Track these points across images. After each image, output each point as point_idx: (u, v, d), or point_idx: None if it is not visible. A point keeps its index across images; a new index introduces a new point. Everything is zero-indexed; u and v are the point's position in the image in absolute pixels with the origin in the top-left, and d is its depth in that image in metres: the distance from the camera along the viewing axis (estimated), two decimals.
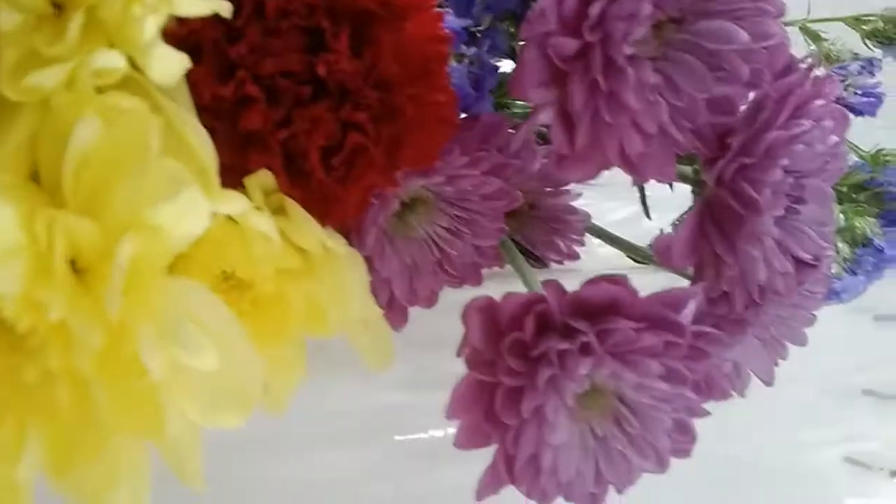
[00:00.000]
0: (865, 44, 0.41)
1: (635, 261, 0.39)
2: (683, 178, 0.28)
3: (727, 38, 0.24)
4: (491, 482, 0.26)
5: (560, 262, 0.38)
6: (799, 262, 0.28)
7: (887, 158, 0.41)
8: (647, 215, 0.34)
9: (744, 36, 0.23)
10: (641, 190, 0.33)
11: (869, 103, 0.35)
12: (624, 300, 0.24)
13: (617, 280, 0.24)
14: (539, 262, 0.37)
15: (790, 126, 0.25)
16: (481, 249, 0.30)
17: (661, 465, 0.26)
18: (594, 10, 0.22)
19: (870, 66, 0.39)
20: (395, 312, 0.30)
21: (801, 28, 0.42)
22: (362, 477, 0.31)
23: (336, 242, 0.23)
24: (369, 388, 0.30)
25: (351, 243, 0.27)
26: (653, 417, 0.26)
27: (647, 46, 0.24)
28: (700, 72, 0.24)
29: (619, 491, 0.27)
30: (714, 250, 0.26)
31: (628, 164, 0.25)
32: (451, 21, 0.25)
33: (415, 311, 0.31)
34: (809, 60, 0.27)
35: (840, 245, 0.36)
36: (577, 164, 0.25)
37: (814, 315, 0.33)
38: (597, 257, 0.40)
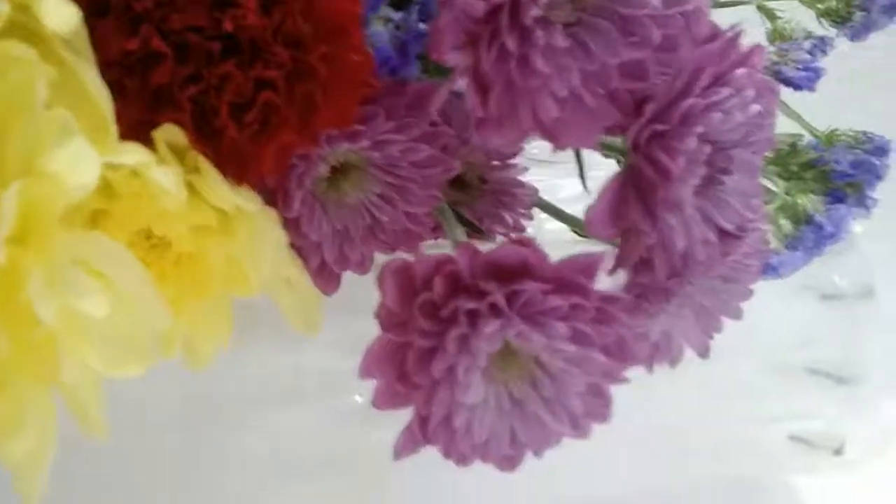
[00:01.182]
0: (820, 23, 0.41)
1: (581, 235, 0.39)
2: (608, 148, 0.28)
3: (639, 3, 0.24)
4: (407, 442, 0.26)
5: (506, 235, 0.38)
6: (723, 233, 0.29)
7: (841, 138, 0.41)
8: (585, 187, 0.34)
9: (655, 0, 0.24)
10: (579, 161, 0.34)
11: (807, 77, 0.35)
12: (533, 263, 0.24)
13: (527, 242, 0.24)
14: (482, 234, 0.37)
15: (708, 94, 0.26)
16: (414, 217, 0.30)
17: (576, 429, 0.27)
18: None
19: (822, 44, 0.39)
20: (327, 277, 0.30)
21: (757, 7, 0.42)
22: (295, 440, 0.32)
23: (247, 201, 0.24)
24: (300, 350, 0.30)
25: (277, 205, 0.28)
26: (565, 381, 0.26)
27: (560, 10, 0.24)
28: (612, 36, 0.24)
29: (537, 454, 0.27)
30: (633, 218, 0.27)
31: (544, 130, 0.25)
32: None
33: (350, 276, 0.31)
34: (734, 30, 0.27)
35: (782, 221, 0.36)
36: (495, 129, 0.25)
37: (750, 290, 0.33)
38: (544, 232, 0.40)
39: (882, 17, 0.38)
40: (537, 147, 0.32)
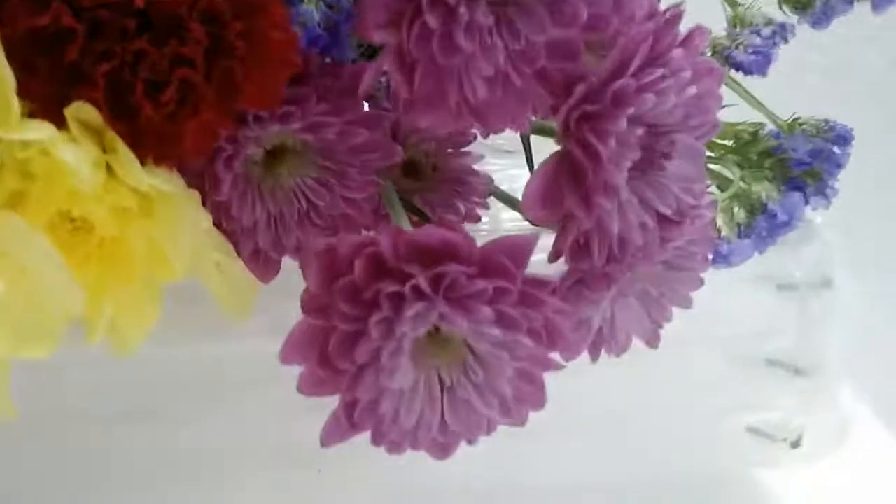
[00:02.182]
0: (782, 9, 0.40)
1: (534, 224, 0.39)
2: (542, 130, 0.28)
3: None
4: (334, 429, 0.26)
5: (461, 223, 0.38)
6: (662, 218, 0.28)
7: (803, 127, 0.41)
8: (532, 171, 0.34)
9: None
10: (527, 147, 0.33)
11: (756, 62, 0.34)
12: (458, 245, 0.24)
13: (452, 225, 0.24)
14: (430, 222, 0.36)
15: (641, 75, 0.25)
16: (353, 202, 0.30)
17: (508, 415, 0.26)
18: None
19: (782, 31, 0.39)
20: (264, 263, 0.30)
21: None
22: (230, 428, 0.31)
23: (164, 182, 0.23)
24: (231, 336, 0.30)
25: (206, 188, 0.27)
26: (494, 366, 0.26)
27: None
28: (539, 14, 0.24)
29: (469, 442, 0.27)
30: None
31: (472, 111, 0.25)
32: None
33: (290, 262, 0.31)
34: (672, 10, 0.27)
35: (736, 209, 0.35)
36: (423, 110, 0.25)
37: (699, 278, 0.33)
38: (501, 221, 0.40)
39: (840, 4, 0.38)
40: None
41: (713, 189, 0.40)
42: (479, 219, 0.38)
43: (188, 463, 0.33)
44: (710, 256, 0.33)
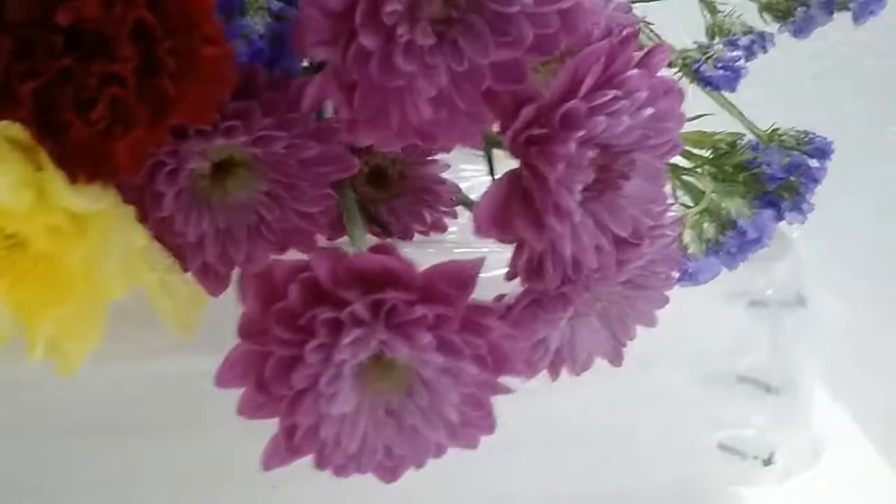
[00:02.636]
0: (762, 17, 0.39)
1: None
2: (498, 143, 0.27)
3: (509, 1, 0.23)
4: (275, 453, 0.25)
5: (425, 234, 0.37)
6: (619, 240, 0.27)
7: (782, 138, 0.40)
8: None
9: None
10: (488, 156, 0.32)
11: (726, 77, 0.33)
12: (399, 271, 0.23)
13: (387, 250, 0.23)
14: (389, 233, 0.36)
15: (592, 97, 0.24)
16: (306, 215, 0.29)
17: (456, 440, 0.26)
18: None
19: (761, 40, 0.38)
20: (213, 279, 0.29)
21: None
22: (184, 444, 0.31)
23: (93, 201, 0.23)
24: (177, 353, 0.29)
25: (146, 204, 0.27)
26: (440, 391, 0.25)
27: (430, 5, 0.23)
28: (483, 34, 0.23)
29: (417, 466, 0.26)
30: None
31: (416, 132, 0.24)
32: None
33: None
34: (627, 29, 0.26)
35: (706, 225, 0.34)
36: (366, 130, 0.24)
37: (664, 296, 0.32)
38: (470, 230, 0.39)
39: (820, 13, 0.37)
40: None
41: (685, 200, 0.39)
42: (445, 228, 0.38)
43: (144, 478, 0.33)
44: (676, 274, 0.32)
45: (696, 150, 0.41)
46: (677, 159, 0.40)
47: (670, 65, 0.35)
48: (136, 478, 0.32)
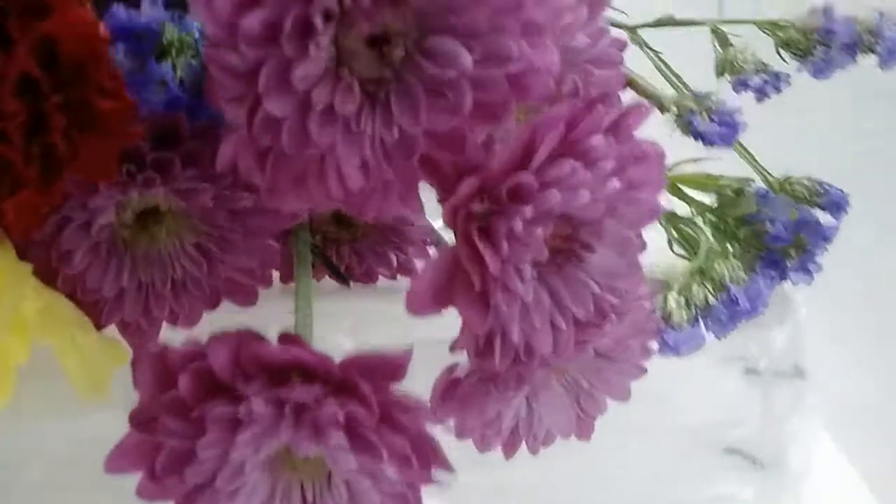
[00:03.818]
0: (779, 54, 0.36)
1: None
2: None
3: (448, 63, 0.19)
4: None
5: (392, 277, 0.34)
6: (579, 319, 0.24)
7: (795, 188, 0.36)
8: None
9: (465, 60, 0.19)
10: None
11: (721, 134, 0.30)
12: (313, 365, 0.20)
13: (300, 342, 0.21)
14: (345, 281, 0.33)
15: (546, 168, 0.21)
16: (244, 269, 0.27)
17: None
18: (249, 23, 0.18)
19: (775, 80, 0.34)
20: (134, 332, 0.27)
21: (711, 30, 0.37)
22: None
23: None
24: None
25: (54, 260, 0.24)
26: (359, 491, 0.22)
27: (365, 66, 0.20)
28: (416, 99, 0.20)
29: None
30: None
31: (340, 202, 0.21)
32: (128, 17, 0.21)
33: None
34: (599, 92, 0.23)
35: (695, 288, 0.31)
36: (284, 198, 0.21)
37: (641, 367, 0.29)
38: None
39: (842, 55, 0.33)
40: None
41: (682, 251, 0.36)
42: (414, 272, 0.35)
43: None
44: (654, 346, 0.29)
45: (696, 194, 0.37)
46: (675, 204, 0.37)
47: (662, 110, 0.31)
48: None
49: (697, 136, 0.30)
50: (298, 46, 0.18)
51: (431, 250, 0.35)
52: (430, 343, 0.23)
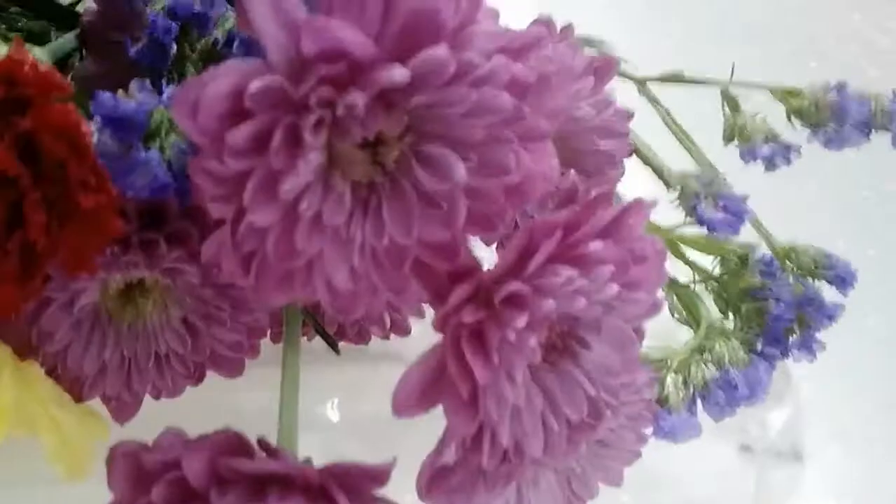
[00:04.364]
0: (790, 122, 0.35)
1: None
2: None
3: (443, 174, 0.19)
4: None
5: (385, 337, 0.34)
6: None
7: (801, 258, 0.35)
8: None
9: (459, 172, 0.18)
10: None
11: (726, 221, 0.29)
12: (286, 475, 0.20)
13: (278, 453, 0.20)
14: (335, 348, 0.32)
15: (541, 276, 0.21)
16: (231, 343, 0.26)
17: None
18: (236, 137, 0.17)
19: (785, 152, 0.33)
20: (117, 407, 0.26)
21: (721, 93, 0.36)
22: None
23: None
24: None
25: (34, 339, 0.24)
26: None
27: (358, 169, 0.19)
28: (408, 210, 0.19)
29: None
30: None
31: (328, 304, 0.20)
32: (114, 105, 0.20)
33: None
34: (597, 190, 0.22)
35: (694, 369, 0.30)
36: (269, 296, 0.20)
37: (636, 452, 0.28)
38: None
39: (855, 134, 0.32)
40: None
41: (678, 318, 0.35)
42: (408, 332, 0.34)
43: None
44: (649, 432, 0.29)
45: (699, 258, 0.37)
46: (679, 270, 0.36)
47: (666, 186, 0.30)
48: None
49: (702, 222, 0.29)
50: (287, 158, 0.17)
51: (427, 308, 0.34)
52: None
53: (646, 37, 0.56)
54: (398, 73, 0.17)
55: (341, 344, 0.33)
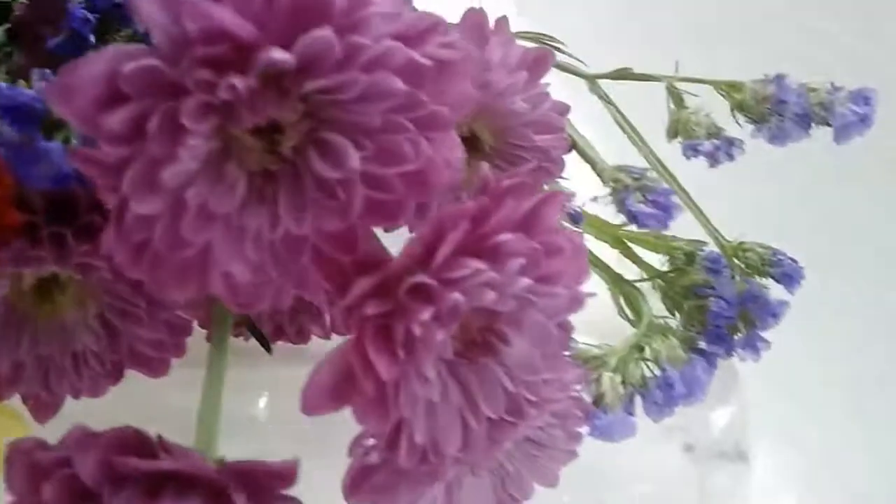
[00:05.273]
0: (734, 117, 0.34)
1: None
2: None
3: (337, 161, 0.18)
4: None
5: (326, 337, 0.33)
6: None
7: (748, 255, 0.35)
8: None
9: (353, 160, 0.18)
10: None
11: (654, 216, 0.28)
12: (184, 473, 0.19)
13: (180, 454, 0.19)
14: (268, 348, 0.32)
15: (448, 269, 0.20)
16: (151, 341, 0.26)
17: None
18: (111, 122, 0.16)
19: (728, 147, 0.33)
20: (34, 405, 0.25)
21: (666, 88, 0.35)
22: None
23: None
24: None
25: None
26: None
27: (255, 158, 0.19)
28: (303, 199, 0.19)
29: None
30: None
31: (224, 298, 0.20)
32: (11, 94, 0.20)
33: None
34: (511, 179, 0.21)
35: (632, 367, 0.30)
36: (164, 291, 0.20)
37: (570, 452, 0.28)
38: None
39: (795, 128, 0.32)
40: None
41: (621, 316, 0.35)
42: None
43: None
44: (584, 430, 0.28)
45: (645, 254, 0.36)
46: (624, 267, 0.36)
47: (602, 181, 0.30)
48: None
49: (630, 216, 0.28)
50: (167, 145, 0.17)
51: None
52: None
53: (608, 34, 0.56)
54: (278, 55, 0.16)
55: (280, 343, 0.33)
